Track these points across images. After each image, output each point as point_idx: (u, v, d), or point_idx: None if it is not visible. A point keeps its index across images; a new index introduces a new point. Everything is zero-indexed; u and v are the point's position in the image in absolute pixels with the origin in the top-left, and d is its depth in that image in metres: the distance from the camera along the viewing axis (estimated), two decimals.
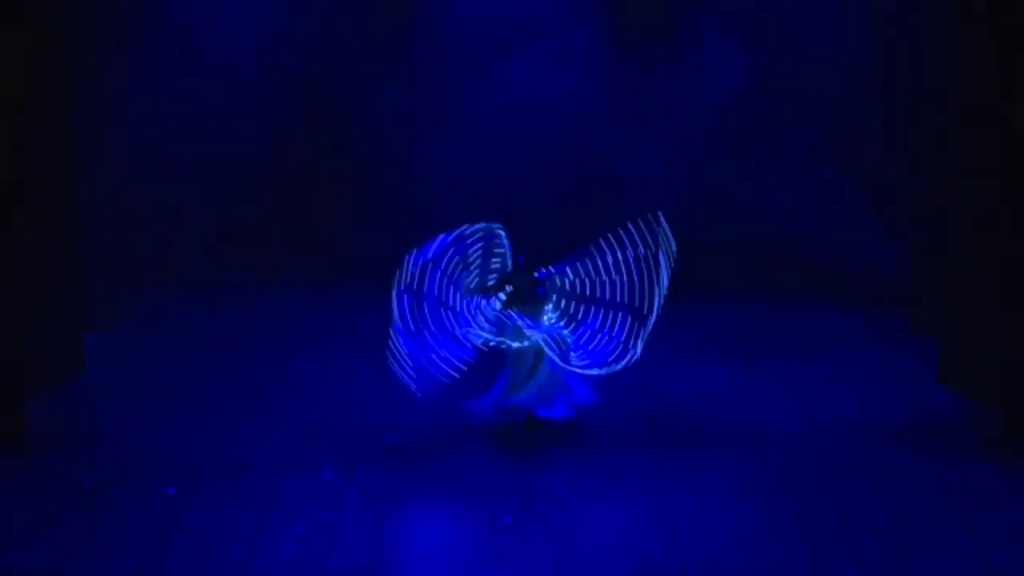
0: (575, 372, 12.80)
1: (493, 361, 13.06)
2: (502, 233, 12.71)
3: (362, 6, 17.41)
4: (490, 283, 12.80)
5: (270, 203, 17.55)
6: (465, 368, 12.58)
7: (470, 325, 12.61)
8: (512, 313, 12.60)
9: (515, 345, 12.71)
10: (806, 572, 10.37)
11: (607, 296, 12.66)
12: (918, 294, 15.66)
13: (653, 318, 12.38)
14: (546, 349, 12.54)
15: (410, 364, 12.35)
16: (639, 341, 12.44)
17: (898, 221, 16.71)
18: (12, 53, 12.41)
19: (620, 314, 12.64)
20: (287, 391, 13.89)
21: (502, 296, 12.72)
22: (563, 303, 12.81)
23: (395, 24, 17.41)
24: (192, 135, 17.23)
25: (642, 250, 12.50)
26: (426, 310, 12.41)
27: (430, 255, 12.35)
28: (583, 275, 12.72)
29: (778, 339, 15.60)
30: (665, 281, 12.40)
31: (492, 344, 12.65)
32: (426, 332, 12.43)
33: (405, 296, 12.29)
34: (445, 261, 12.47)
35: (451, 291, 12.56)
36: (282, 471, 11.98)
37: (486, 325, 12.68)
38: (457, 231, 12.51)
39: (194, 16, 17.11)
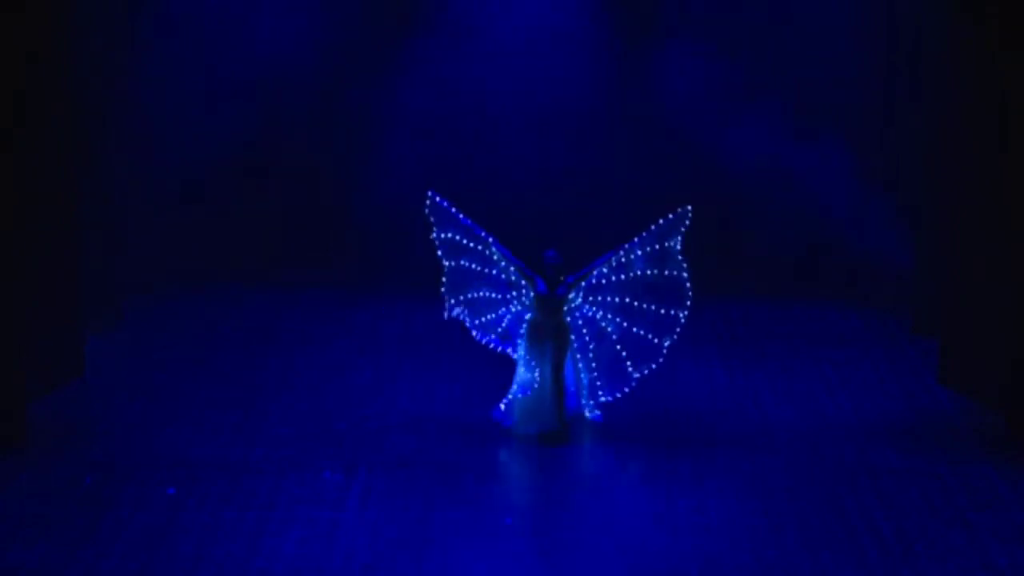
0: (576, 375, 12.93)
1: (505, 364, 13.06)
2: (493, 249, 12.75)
3: (364, 7, 17.39)
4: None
5: (270, 203, 17.53)
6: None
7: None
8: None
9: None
10: (806, 572, 10.38)
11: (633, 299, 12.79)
12: (918, 293, 15.65)
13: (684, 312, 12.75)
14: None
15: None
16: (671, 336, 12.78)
17: (898, 220, 16.71)
18: (11, 52, 12.40)
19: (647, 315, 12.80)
20: (287, 391, 13.89)
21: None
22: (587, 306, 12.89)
23: (399, 25, 17.39)
24: (192, 135, 17.20)
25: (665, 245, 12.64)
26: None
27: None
28: (610, 277, 12.78)
29: (778, 339, 15.59)
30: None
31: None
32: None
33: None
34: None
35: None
36: (282, 471, 11.98)
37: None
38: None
39: (194, 14, 17.09)
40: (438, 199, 12.77)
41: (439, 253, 12.87)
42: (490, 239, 12.65)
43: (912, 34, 16.17)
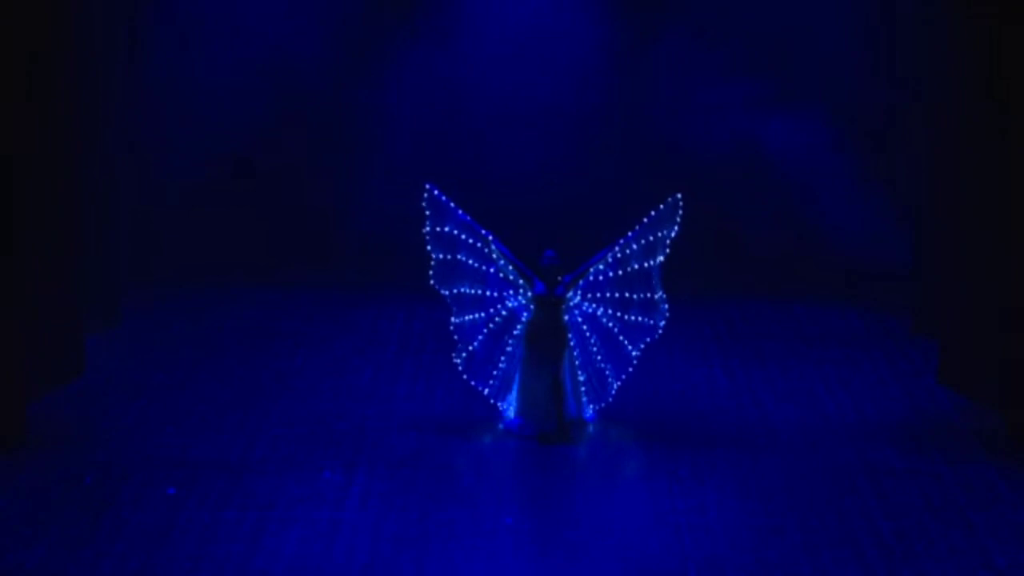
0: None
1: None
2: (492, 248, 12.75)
3: (365, 7, 17.40)
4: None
5: (270, 203, 17.54)
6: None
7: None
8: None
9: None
10: (806, 572, 10.38)
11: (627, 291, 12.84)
12: (918, 293, 15.65)
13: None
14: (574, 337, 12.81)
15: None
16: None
17: (899, 220, 16.71)
18: (11, 52, 12.40)
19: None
20: (287, 391, 13.89)
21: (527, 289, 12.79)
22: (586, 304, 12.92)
23: (399, 25, 17.40)
24: (192, 134, 17.22)
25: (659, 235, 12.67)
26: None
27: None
28: (607, 273, 12.80)
29: (778, 339, 15.59)
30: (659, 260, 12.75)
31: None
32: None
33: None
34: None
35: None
36: (282, 471, 11.98)
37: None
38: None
39: (195, 14, 17.09)
40: (436, 192, 12.79)
41: (429, 247, 12.86)
42: (490, 236, 12.67)
43: (912, 34, 16.17)
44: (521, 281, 12.75)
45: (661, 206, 12.72)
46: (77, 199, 14.10)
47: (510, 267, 12.72)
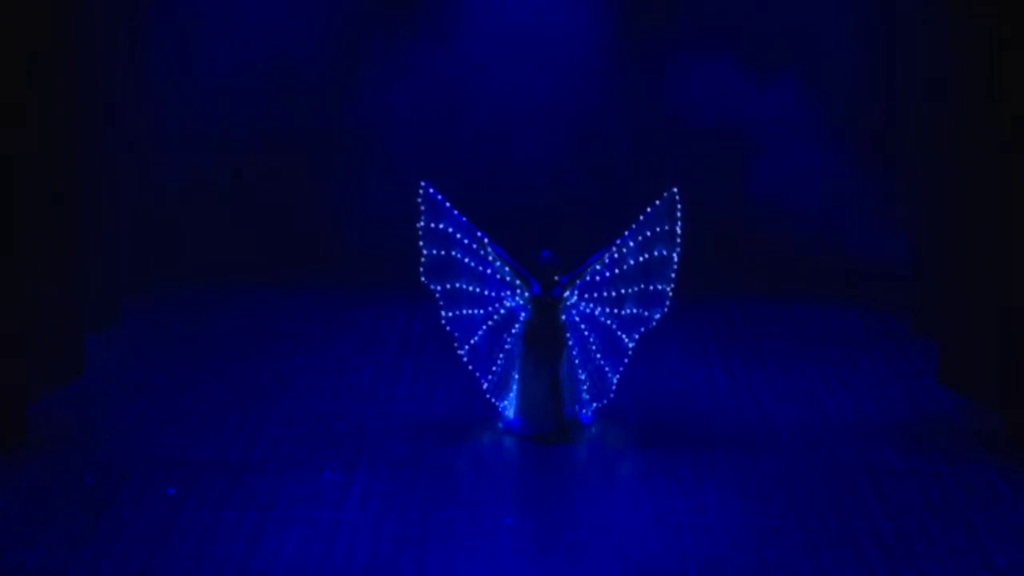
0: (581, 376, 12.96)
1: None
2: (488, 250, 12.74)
3: (365, 7, 17.40)
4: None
5: (271, 203, 17.54)
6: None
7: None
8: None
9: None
10: (806, 572, 10.38)
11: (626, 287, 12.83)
12: (918, 293, 15.65)
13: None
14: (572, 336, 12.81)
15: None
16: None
17: (898, 220, 16.71)
18: (9, 51, 12.39)
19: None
20: (287, 391, 13.89)
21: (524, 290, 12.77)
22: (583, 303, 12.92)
23: (399, 24, 17.41)
24: (192, 134, 17.21)
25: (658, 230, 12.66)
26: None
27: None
28: (603, 273, 12.79)
29: (778, 339, 15.59)
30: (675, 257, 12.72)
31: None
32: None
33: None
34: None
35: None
36: (282, 471, 11.98)
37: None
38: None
39: (195, 14, 17.09)
40: (431, 191, 12.78)
41: (421, 243, 12.84)
42: (485, 238, 12.67)
43: (912, 34, 16.16)
44: (518, 282, 12.74)
45: (657, 201, 12.73)
46: (77, 199, 14.10)
47: (506, 268, 12.73)
